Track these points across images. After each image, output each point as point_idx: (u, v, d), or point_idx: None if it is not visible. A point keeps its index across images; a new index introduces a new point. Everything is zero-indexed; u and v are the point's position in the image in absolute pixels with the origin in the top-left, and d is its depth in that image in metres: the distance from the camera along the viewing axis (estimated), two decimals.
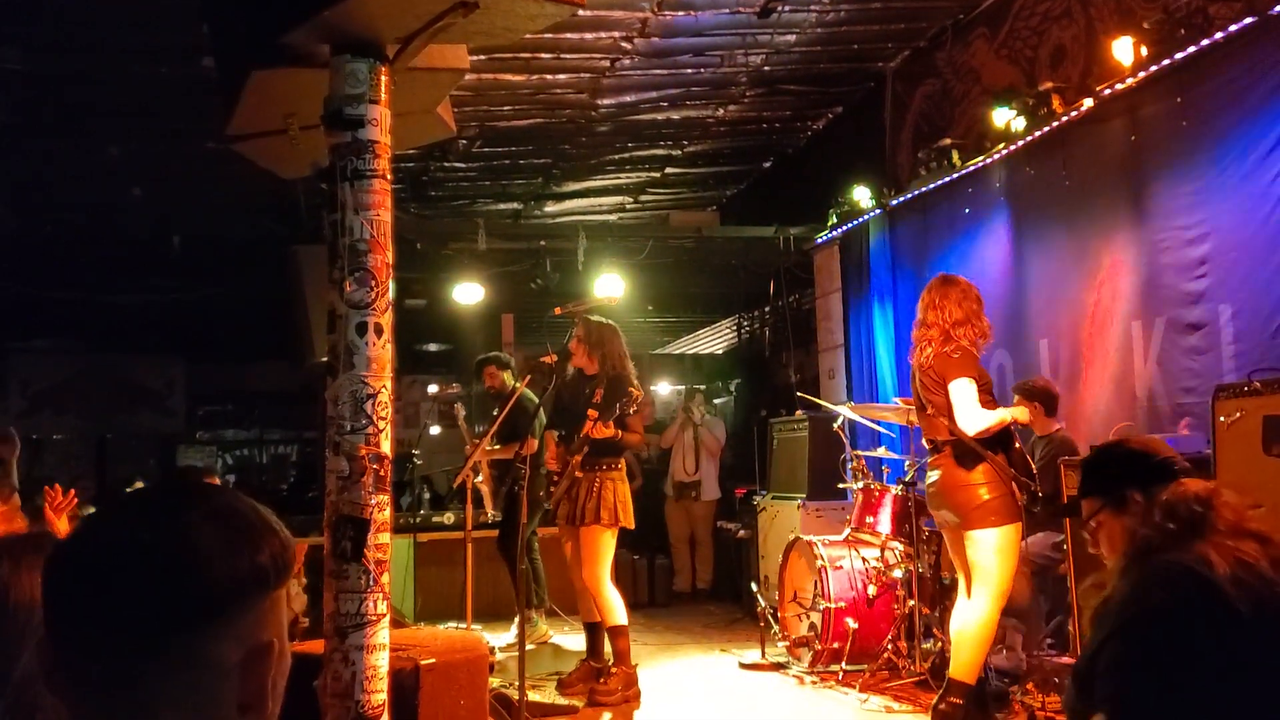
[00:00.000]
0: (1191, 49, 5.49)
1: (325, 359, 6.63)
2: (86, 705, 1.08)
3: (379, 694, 2.65)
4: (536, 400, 6.79)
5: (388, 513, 2.71)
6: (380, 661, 2.66)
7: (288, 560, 1.13)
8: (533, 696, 5.56)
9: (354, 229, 2.68)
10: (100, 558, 1.08)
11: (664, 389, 14.86)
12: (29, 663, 1.35)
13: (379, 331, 2.70)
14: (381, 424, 2.69)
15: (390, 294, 2.74)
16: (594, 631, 6.21)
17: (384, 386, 2.71)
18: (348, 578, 2.63)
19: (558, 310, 5.41)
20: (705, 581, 10.47)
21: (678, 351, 15.55)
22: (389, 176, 2.76)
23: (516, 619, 7.52)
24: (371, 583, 2.65)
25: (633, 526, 6.13)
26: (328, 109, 2.73)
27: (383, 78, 2.75)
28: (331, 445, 2.66)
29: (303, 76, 2.85)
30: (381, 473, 2.69)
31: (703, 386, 12.69)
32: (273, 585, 1.12)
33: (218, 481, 5.45)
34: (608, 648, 6.07)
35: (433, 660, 3.36)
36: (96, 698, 1.07)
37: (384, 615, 2.67)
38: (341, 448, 2.65)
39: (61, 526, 4.33)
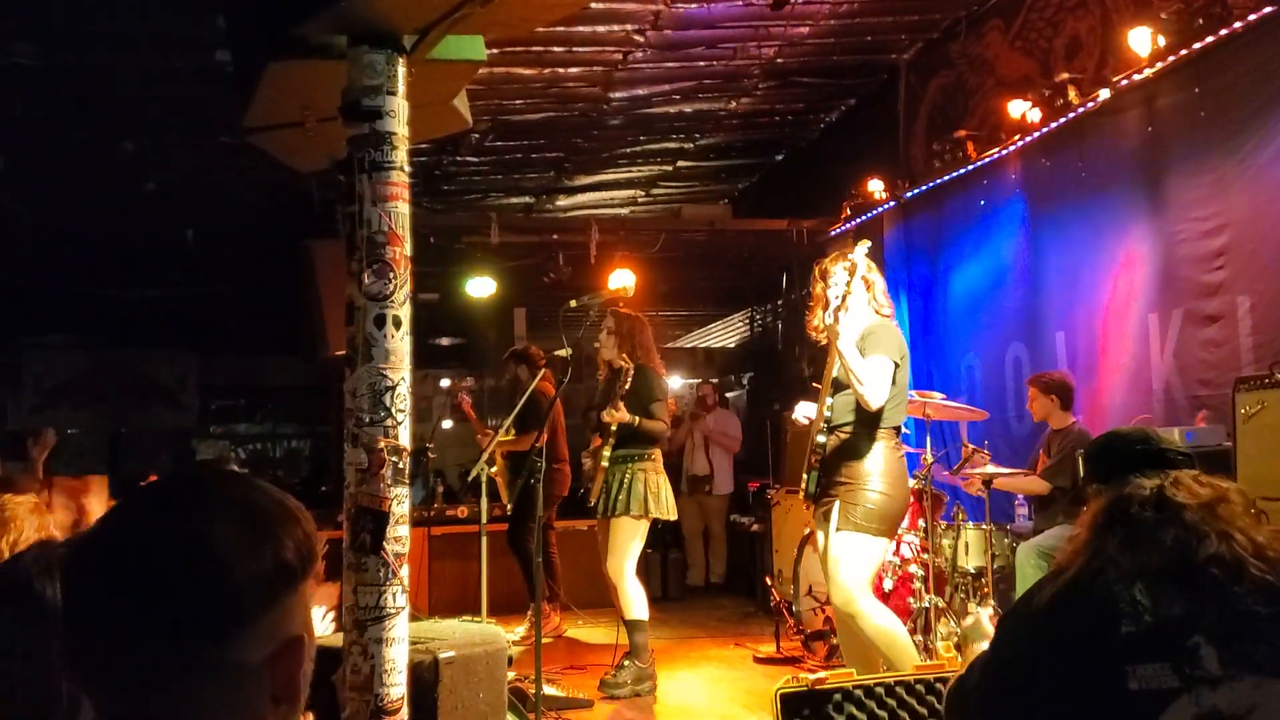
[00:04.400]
0: (1210, 39, 5.45)
1: (340, 353, 6.63)
2: (112, 705, 1.06)
3: (398, 687, 2.65)
4: (551, 390, 6.78)
5: (406, 505, 2.70)
6: (399, 654, 2.66)
7: (312, 549, 1.11)
8: (547, 690, 5.56)
9: (372, 221, 2.67)
10: (117, 565, 1.05)
11: (676, 382, 14.84)
12: None
13: (397, 324, 2.69)
14: (400, 416, 2.68)
15: (409, 286, 2.73)
16: None
17: (402, 379, 2.70)
18: (366, 570, 2.62)
19: (572, 303, 5.40)
20: (718, 575, 10.47)
21: (690, 345, 15.54)
22: (407, 168, 2.75)
23: (530, 612, 7.54)
24: (390, 575, 2.64)
25: (666, 517, 6.10)
26: (345, 100, 2.71)
27: (400, 69, 2.73)
28: (350, 438, 2.65)
29: (319, 68, 2.84)
30: (400, 465, 2.68)
31: (715, 380, 12.67)
32: (299, 578, 1.10)
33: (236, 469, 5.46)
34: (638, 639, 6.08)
35: (452, 653, 3.36)
36: (121, 700, 1.05)
37: (403, 608, 2.67)
38: (360, 440, 2.64)
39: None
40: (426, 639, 3.48)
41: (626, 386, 5.84)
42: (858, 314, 4.60)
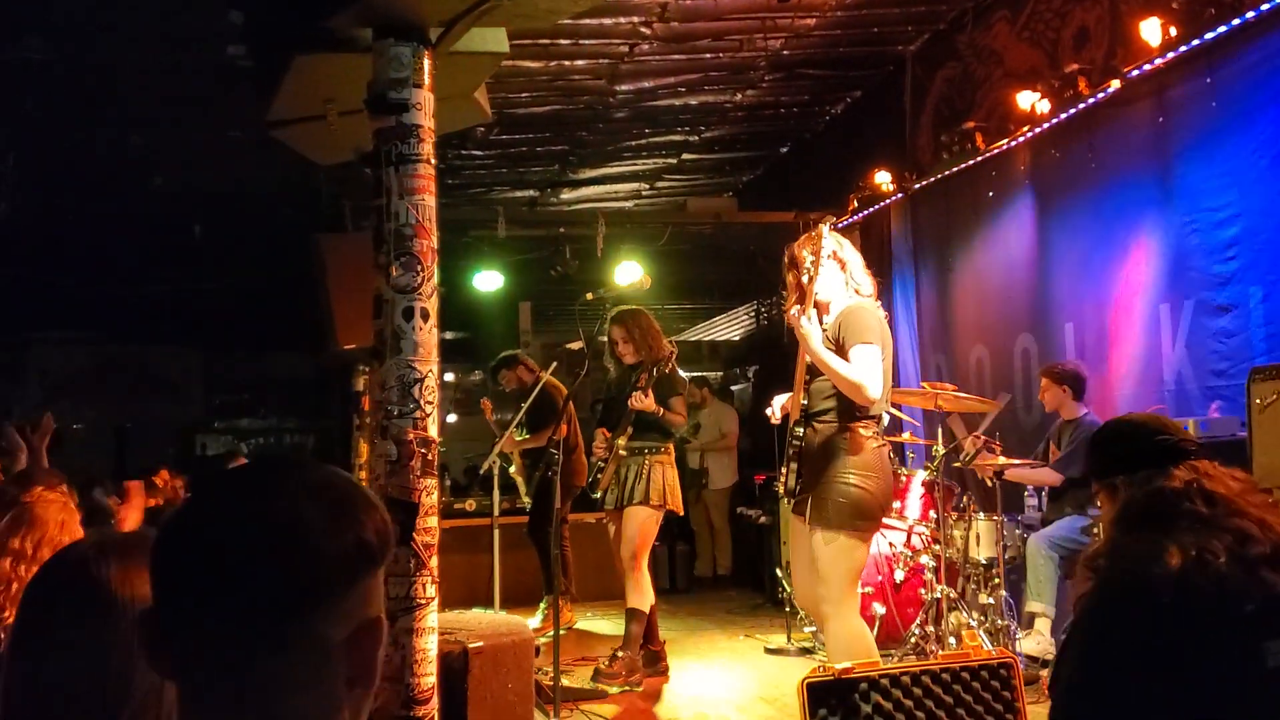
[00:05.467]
0: (1221, 29, 5.44)
1: (349, 347, 6.57)
2: (194, 684, 1.08)
3: (428, 677, 2.66)
4: (563, 387, 6.80)
5: (435, 496, 2.71)
6: (429, 645, 2.67)
7: (389, 534, 1.13)
8: (562, 682, 5.58)
9: (399, 214, 2.68)
10: (210, 539, 1.07)
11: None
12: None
13: (425, 316, 2.70)
14: (429, 408, 2.69)
15: (435, 278, 2.74)
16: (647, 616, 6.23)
17: (430, 371, 2.71)
18: (396, 561, 2.63)
19: (588, 296, 5.42)
20: (725, 567, 10.52)
21: (695, 338, 15.53)
22: (433, 161, 2.76)
23: (543, 604, 7.57)
24: (420, 566, 2.65)
25: (681, 512, 6.20)
26: (372, 93, 2.72)
27: (426, 61, 2.74)
28: (379, 429, 2.66)
29: (343, 61, 2.84)
30: (429, 456, 2.69)
31: (708, 374, 12.72)
32: (378, 560, 1.12)
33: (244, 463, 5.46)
34: (657, 628, 6.12)
35: (480, 644, 3.37)
36: (206, 679, 1.07)
37: (433, 599, 2.68)
38: (389, 431, 2.65)
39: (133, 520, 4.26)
40: (454, 629, 3.50)
41: (644, 379, 5.87)
42: (835, 298, 4.38)
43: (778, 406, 4.70)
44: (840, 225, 9.40)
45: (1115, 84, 6.15)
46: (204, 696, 1.07)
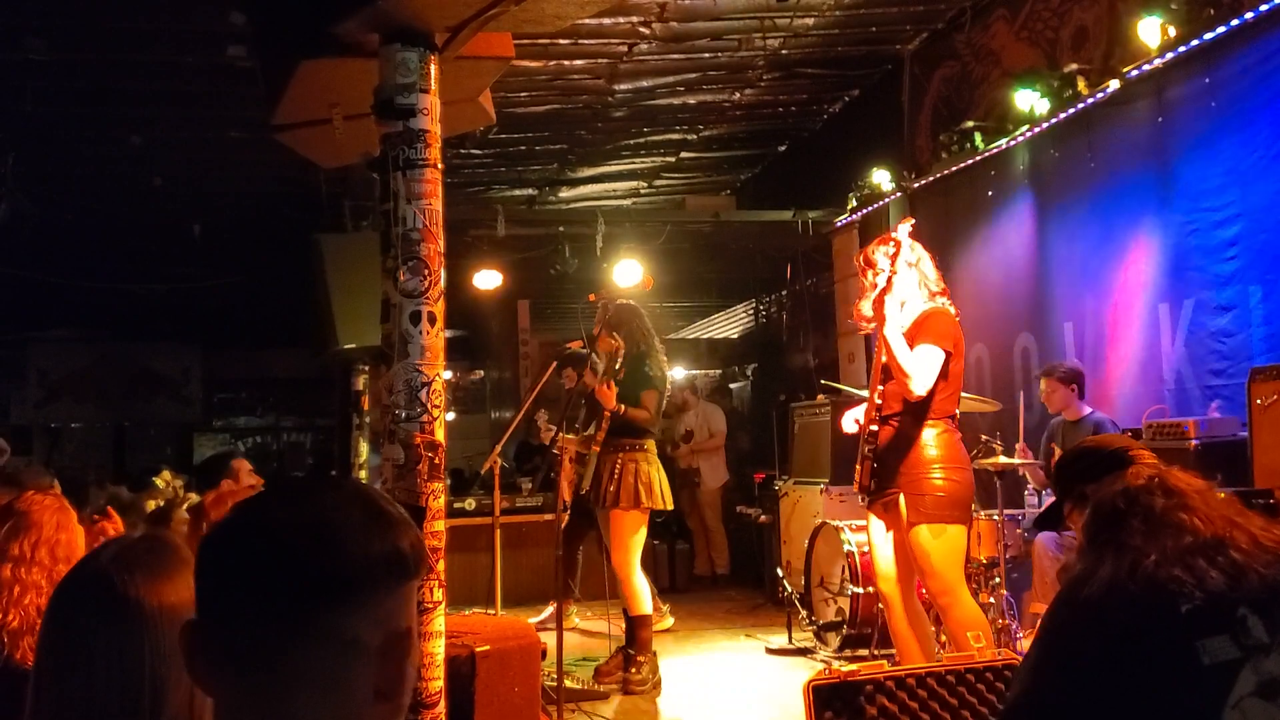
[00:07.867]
0: (1221, 29, 5.46)
1: (349, 345, 6.55)
2: (229, 685, 1.11)
3: (436, 681, 2.67)
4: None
5: (442, 500, 2.72)
6: (437, 649, 2.68)
7: (424, 552, 1.16)
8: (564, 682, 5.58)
9: (407, 218, 2.69)
10: (248, 534, 1.12)
11: (678, 374, 14.84)
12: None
13: (432, 320, 2.70)
14: (436, 412, 2.70)
15: (443, 282, 2.75)
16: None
17: (437, 375, 2.71)
18: None
19: (591, 297, 5.41)
20: (722, 566, 10.51)
21: (693, 336, 15.55)
22: (440, 165, 2.77)
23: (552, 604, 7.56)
24: (427, 570, 2.66)
25: (661, 507, 5.96)
26: (378, 98, 2.72)
27: (433, 67, 2.75)
28: (387, 433, 2.67)
29: (349, 66, 2.85)
30: (436, 460, 2.69)
31: (697, 375, 12.73)
32: (411, 574, 1.14)
33: (246, 465, 5.49)
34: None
35: (487, 647, 3.38)
36: (239, 676, 1.10)
37: (440, 602, 2.69)
38: (397, 435, 2.65)
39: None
40: (460, 633, 3.51)
41: (620, 372, 5.78)
42: (910, 300, 4.58)
43: (851, 421, 4.88)
44: (839, 224, 9.42)
45: (1114, 84, 6.17)
46: (236, 691, 1.10)
